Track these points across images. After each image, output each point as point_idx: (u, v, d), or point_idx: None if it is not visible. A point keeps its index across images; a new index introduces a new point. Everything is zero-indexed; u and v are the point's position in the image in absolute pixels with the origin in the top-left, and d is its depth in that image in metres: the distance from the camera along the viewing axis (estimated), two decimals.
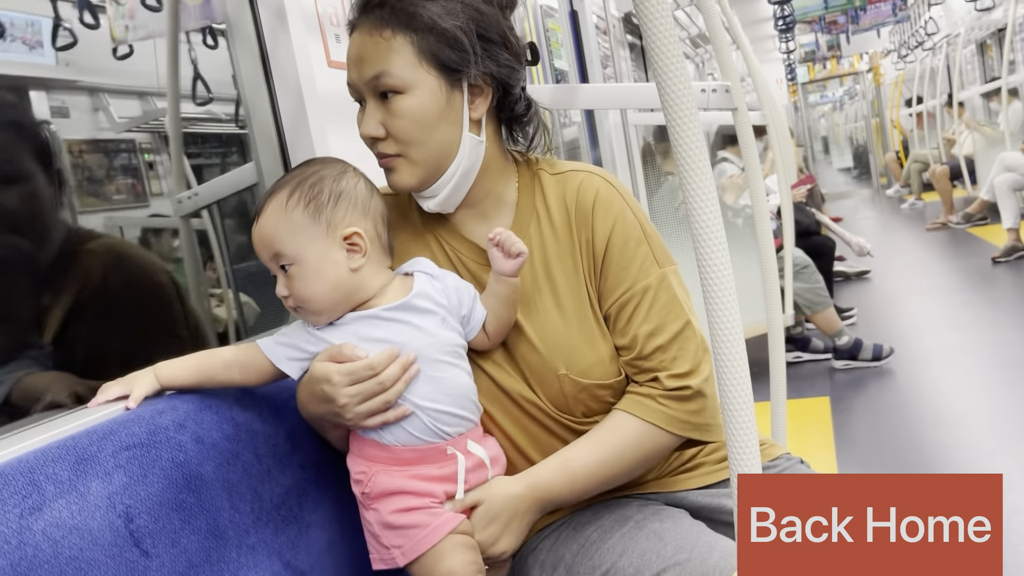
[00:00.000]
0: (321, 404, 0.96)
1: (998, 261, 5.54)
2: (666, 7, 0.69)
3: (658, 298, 1.03)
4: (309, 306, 0.95)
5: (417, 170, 1.00)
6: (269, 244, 0.95)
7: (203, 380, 0.96)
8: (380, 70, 0.97)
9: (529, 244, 1.05)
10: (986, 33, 9.12)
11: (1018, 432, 2.78)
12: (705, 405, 1.04)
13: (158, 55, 2.53)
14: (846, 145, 17.80)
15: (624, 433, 1.02)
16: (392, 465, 0.96)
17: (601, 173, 1.09)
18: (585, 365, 1.03)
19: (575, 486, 1.02)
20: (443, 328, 0.98)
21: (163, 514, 0.82)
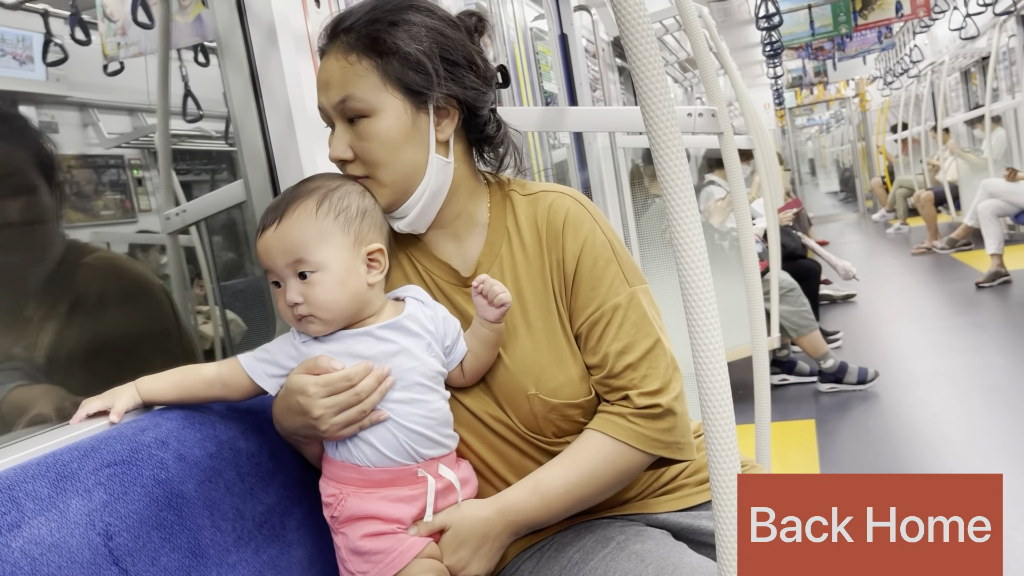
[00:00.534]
0: (296, 417, 0.96)
1: (982, 286, 5.59)
2: (650, 32, 0.70)
3: (628, 316, 1.04)
4: (323, 314, 0.96)
5: (385, 191, 1.02)
6: (291, 250, 0.95)
7: (184, 395, 0.96)
8: (346, 94, 0.99)
9: (500, 264, 1.07)
10: (970, 61, 9.26)
11: (1000, 456, 2.80)
12: (676, 423, 1.04)
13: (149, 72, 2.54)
14: (833, 168, 17.96)
15: (596, 452, 1.02)
16: (363, 487, 0.97)
17: (571, 193, 1.10)
18: (555, 385, 1.04)
19: (548, 507, 1.02)
20: (428, 353, 0.99)
21: (143, 532, 0.81)
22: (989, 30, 6.78)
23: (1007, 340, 4.29)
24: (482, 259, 1.08)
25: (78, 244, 1.46)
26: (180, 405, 0.96)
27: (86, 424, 0.89)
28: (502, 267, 1.07)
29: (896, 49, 9.97)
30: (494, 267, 1.08)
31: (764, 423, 1.93)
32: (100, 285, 1.35)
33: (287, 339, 1.00)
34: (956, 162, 7.76)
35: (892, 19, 6.99)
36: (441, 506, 0.99)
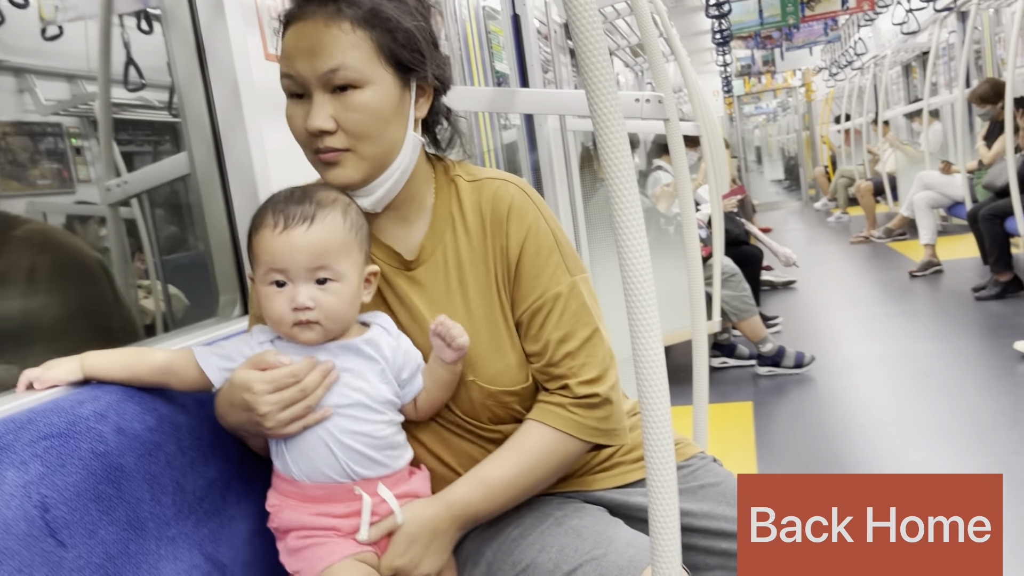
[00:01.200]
0: (241, 413, 0.95)
1: (915, 275, 5.78)
2: (596, 18, 0.71)
3: (568, 306, 1.05)
4: (329, 324, 0.95)
5: (363, 165, 1.00)
6: (320, 254, 0.94)
7: (130, 376, 0.95)
8: (339, 63, 0.96)
9: (444, 249, 1.07)
10: (911, 56, 9.51)
11: (929, 438, 2.92)
12: (612, 411, 1.06)
13: (89, 38, 2.47)
14: (778, 157, 18.28)
15: (537, 443, 1.04)
16: (299, 501, 0.97)
17: (516, 181, 1.11)
18: (493, 372, 1.05)
19: (493, 499, 1.03)
20: (380, 379, 0.99)
21: (80, 505, 0.81)
22: (930, 26, 6.96)
23: (937, 328, 4.45)
24: (426, 243, 1.08)
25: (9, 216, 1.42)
26: None
27: (24, 395, 0.88)
28: (445, 252, 1.07)
29: (841, 41, 10.18)
30: (437, 251, 1.08)
31: (702, 403, 1.99)
32: (32, 258, 1.32)
33: (244, 340, 1.00)
34: (895, 154, 7.98)
35: (838, 11, 7.14)
36: (378, 532, 0.98)
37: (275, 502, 0.99)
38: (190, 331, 1.30)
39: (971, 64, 7.09)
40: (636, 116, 1.74)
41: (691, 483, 1.19)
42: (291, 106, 1.00)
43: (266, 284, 0.95)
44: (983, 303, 4.73)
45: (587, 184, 3.28)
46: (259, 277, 0.96)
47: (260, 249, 0.95)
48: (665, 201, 3.89)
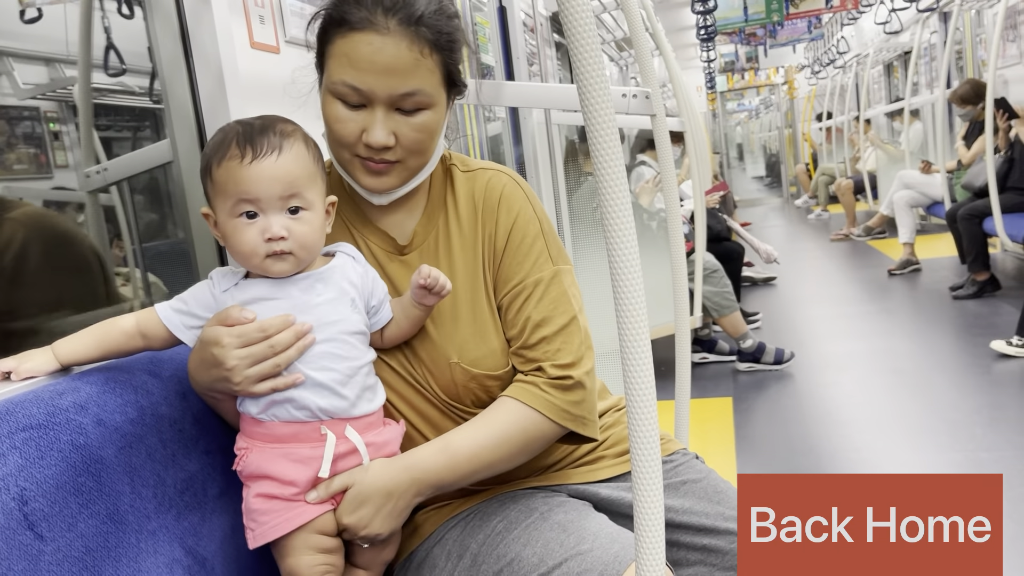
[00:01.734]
0: (211, 370, 0.94)
1: (894, 273, 5.84)
2: (588, 11, 0.71)
3: (548, 292, 1.07)
4: (302, 253, 0.95)
5: (405, 175, 1.04)
6: (291, 183, 0.93)
7: (105, 351, 0.94)
8: (416, 88, 0.98)
9: (436, 236, 1.10)
10: (893, 55, 9.58)
11: (906, 435, 2.95)
12: (584, 397, 1.07)
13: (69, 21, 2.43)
14: (760, 153, 18.38)
15: (506, 417, 1.04)
16: (267, 442, 0.96)
17: (508, 172, 1.14)
18: (477, 355, 1.06)
19: (455, 468, 1.02)
20: (351, 309, 0.99)
21: (60, 497, 0.80)
22: (912, 26, 7.02)
23: (914, 326, 4.50)
24: (419, 229, 1.10)
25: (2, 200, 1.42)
26: (101, 369, 0.94)
27: (2, 386, 0.86)
28: (437, 239, 1.10)
29: (824, 39, 10.24)
30: (430, 238, 1.10)
31: (684, 399, 1.99)
32: (25, 240, 1.30)
33: (204, 287, 0.98)
34: (875, 152, 8.04)
35: (822, 9, 7.18)
36: (342, 468, 0.98)
37: (243, 445, 0.98)
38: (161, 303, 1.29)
39: (952, 65, 7.16)
40: (623, 111, 1.74)
41: (673, 479, 1.20)
42: (340, 108, 0.99)
43: (235, 216, 0.93)
44: (960, 302, 4.78)
45: (571, 178, 3.28)
46: (226, 210, 0.94)
47: (228, 180, 0.93)
48: (647, 196, 3.90)
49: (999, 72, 5.38)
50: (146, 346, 0.97)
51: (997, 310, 4.49)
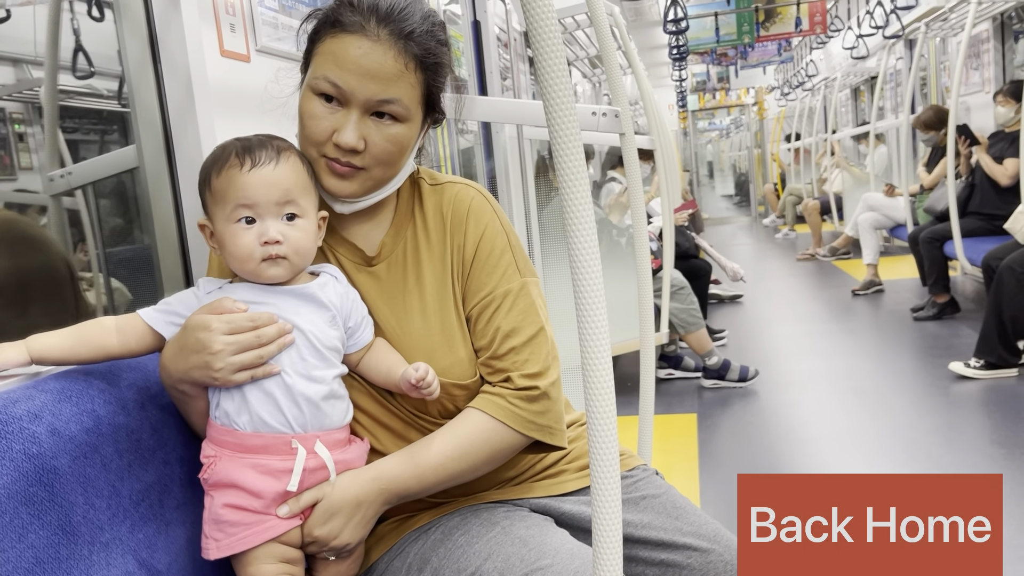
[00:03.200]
0: (191, 356, 0.94)
1: (857, 294, 5.93)
2: (556, 31, 0.72)
3: (517, 303, 1.09)
4: (296, 258, 0.98)
5: (368, 184, 1.04)
6: (287, 190, 0.97)
7: (78, 344, 0.94)
8: (395, 97, 1.00)
9: (404, 246, 1.11)
10: (860, 80, 9.77)
11: (865, 453, 2.99)
12: (550, 407, 1.08)
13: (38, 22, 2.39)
14: (729, 172, 18.60)
15: (472, 429, 1.05)
16: (236, 452, 0.97)
17: (475, 186, 1.16)
18: (444, 365, 1.07)
19: (422, 478, 1.03)
20: (329, 325, 1.01)
21: (10, 507, 0.78)
22: (879, 52, 7.16)
23: (876, 346, 4.57)
24: (387, 241, 1.12)
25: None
26: (57, 377, 0.93)
27: None
28: (405, 249, 1.11)
29: (794, 62, 10.42)
30: (398, 249, 1.11)
31: (647, 415, 2.00)
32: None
33: (189, 293, 1.01)
34: (841, 174, 8.18)
35: (792, 33, 7.31)
36: (310, 483, 0.99)
37: (210, 453, 0.99)
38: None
39: (917, 90, 7.31)
40: (592, 129, 1.75)
41: (633, 494, 1.20)
42: (316, 104, 1.01)
43: (233, 222, 0.97)
44: (921, 323, 4.87)
45: (542, 193, 3.29)
46: (224, 216, 0.97)
47: (228, 187, 0.96)
48: (617, 212, 3.93)
49: (961, 99, 5.51)
50: (119, 345, 0.96)
51: (956, 332, 4.58)
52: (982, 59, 6.11)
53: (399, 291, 1.10)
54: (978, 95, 6.15)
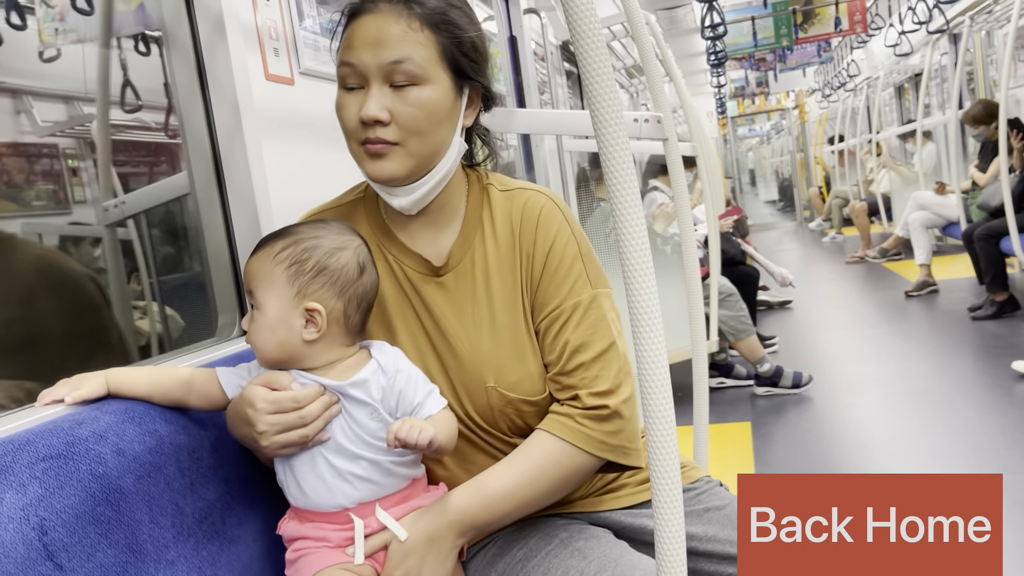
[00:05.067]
0: (243, 427, 0.96)
1: (910, 295, 5.79)
2: (601, 38, 0.71)
3: (587, 316, 1.05)
4: (254, 351, 0.98)
5: (409, 162, 1.01)
6: (248, 280, 0.98)
7: (154, 393, 0.96)
8: (404, 56, 0.98)
9: (472, 255, 1.08)
10: (904, 77, 9.59)
11: (928, 458, 2.90)
12: (623, 427, 1.05)
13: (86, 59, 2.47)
14: (772, 178, 18.36)
15: (541, 452, 1.02)
16: (300, 521, 0.99)
17: (548, 193, 1.12)
18: (514, 379, 1.05)
19: (491, 508, 1.00)
20: (370, 418, 0.97)
21: (79, 527, 0.80)
22: (922, 48, 7.03)
23: (933, 347, 4.45)
24: (455, 249, 1.09)
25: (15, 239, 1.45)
26: (120, 399, 0.95)
27: (23, 416, 0.87)
28: (473, 258, 1.08)
29: (834, 63, 10.27)
30: (466, 258, 1.08)
31: (702, 424, 1.97)
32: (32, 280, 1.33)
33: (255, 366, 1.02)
34: (888, 174, 8.02)
35: (831, 34, 7.20)
36: (377, 544, 0.97)
37: (289, 515, 1.01)
38: (187, 352, 1.29)
39: (963, 86, 7.15)
40: (635, 136, 1.75)
41: (696, 506, 1.18)
42: (343, 95, 1.01)
43: None
44: (979, 323, 4.73)
45: (584, 204, 3.29)
46: None
47: None
48: (661, 221, 3.90)
49: (1011, 92, 5.38)
50: (188, 400, 0.98)
51: (1017, 330, 4.44)
52: None
53: (468, 302, 1.07)
54: None
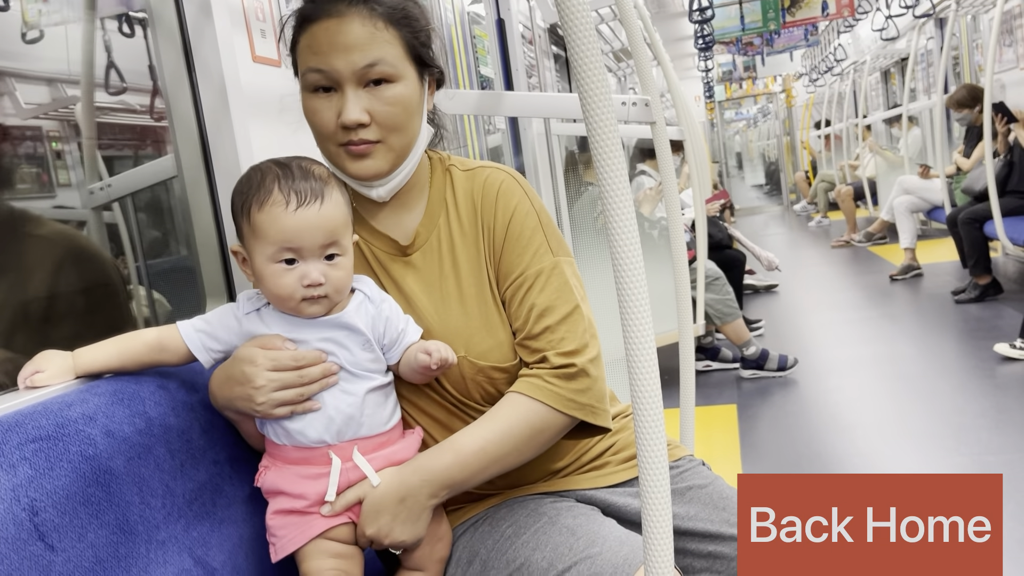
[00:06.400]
0: (235, 387, 0.96)
1: (895, 279, 5.84)
2: (589, 21, 0.72)
3: (550, 282, 1.08)
4: (337, 296, 0.99)
5: (391, 156, 1.04)
6: (331, 232, 0.96)
7: (125, 362, 0.97)
8: (377, 58, 1.00)
9: (439, 233, 1.12)
10: (890, 62, 9.61)
11: (910, 439, 2.94)
12: (591, 385, 1.07)
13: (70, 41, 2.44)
14: (759, 162, 18.40)
15: (511, 411, 1.04)
16: (283, 464, 1.00)
17: (506, 169, 1.16)
18: (484, 348, 1.08)
19: (464, 465, 1.02)
20: (362, 348, 1.01)
21: (70, 508, 0.80)
22: (909, 32, 7.04)
23: (917, 331, 4.50)
24: (420, 229, 1.12)
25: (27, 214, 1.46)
26: (110, 381, 0.95)
27: (12, 398, 0.87)
28: (439, 237, 1.12)
29: (821, 47, 10.27)
30: (432, 236, 1.12)
31: (688, 407, 1.99)
32: (53, 257, 1.33)
33: (228, 309, 1.01)
34: (874, 159, 8.06)
35: (818, 17, 7.20)
36: (353, 483, 1.00)
37: (265, 463, 1.02)
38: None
39: (949, 70, 7.18)
40: (623, 119, 1.75)
41: (679, 484, 1.19)
42: (315, 99, 1.03)
43: (274, 262, 0.96)
44: (963, 306, 4.78)
45: (572, 188, 3.29)
46: (266, 255, 0.96)
47: (271, 228, 0.95)
48: (648, 205, 3.91)
49: (996, 76, 5.40)
50: (163, 360, 0.99)
51: (1000, 313, 4.49)
52: (1015, 35, 5.97)
53: (436, 278, 1.10)
54: (1013, 71, 6.02)
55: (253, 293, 1.03)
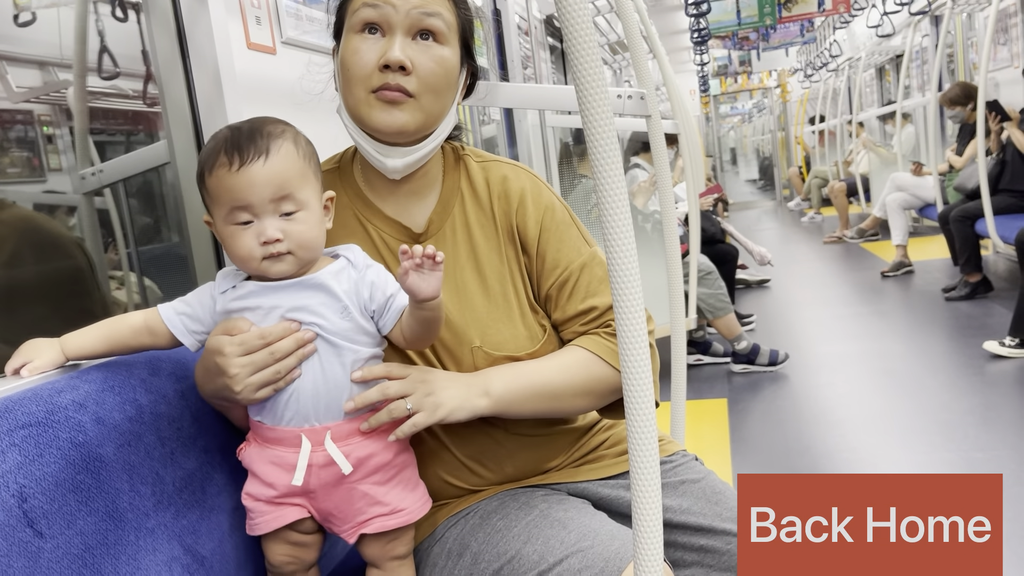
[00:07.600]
0: (216, 379, 0.95)
1: (887, 275, 5.86)
2: (587, 12, 0.71)
3: (595, 272, 1.11)
4: (303, 252, 0.95)
5: (419, 117, 1.01)
6: (281, 184, 0.93)
7: (112, 347, 0.96)
8: (436, 10, 1.00)
9: (453, 222, 1.11)
10: (885, 59, 9.62)
11: (899, 435, 2.96)
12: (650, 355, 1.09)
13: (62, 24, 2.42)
14: (753, 157, 18.42)
15: (570, 355, 1.09)
16: (259, 443, 0.99)
17: (524, 168, 1.16)
18: (500, 339, 1.08)
19: (519, 379, 1.05)
20: (340, 317, 0.96)
21: (59, 495, 0.80)
22: (904, 29, 7.05)
23: (907, 327, 4.51)
24: (434, 216, 1.11)
25: None
26: (100, 368, 0.94)
27: (1, 384, 0.86)
28: (455, 224, 1.11)
29: (817, 43, 10.28)
30: (446, 225, 1.11)
31: (680, 401, 2.00)
32: (14, 242, 1.31)
33: (206, 289, 1.00)
34: (868, 155, 8.08)
35: (814, 13, 7.20)
36: (322, 478, 0.97)
37: (249, 437, 1.02)
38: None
39: (944, 68, 7.19)
40: (618, 112, 1.74)
41: (672, 478, 1.20)
42: (359, 39, 1.00)
43: (230, 224, 0.94)
44: (953, 303, 4.80)
45: (566, 180, 3.29)
46: (221, 218, 0.94)
47: (219, 189, 0.93)
48: (642, 197, 3.91)
49: (990, 75, 5.42)
50: (152, 343, 0.98)
51: (989, 311, 4.51)
52: (1010, 34, 5.99)
53: (451, 267, 1.09)
54: (1007, 70, 6.03)
55: (231, 270, 1.00)
